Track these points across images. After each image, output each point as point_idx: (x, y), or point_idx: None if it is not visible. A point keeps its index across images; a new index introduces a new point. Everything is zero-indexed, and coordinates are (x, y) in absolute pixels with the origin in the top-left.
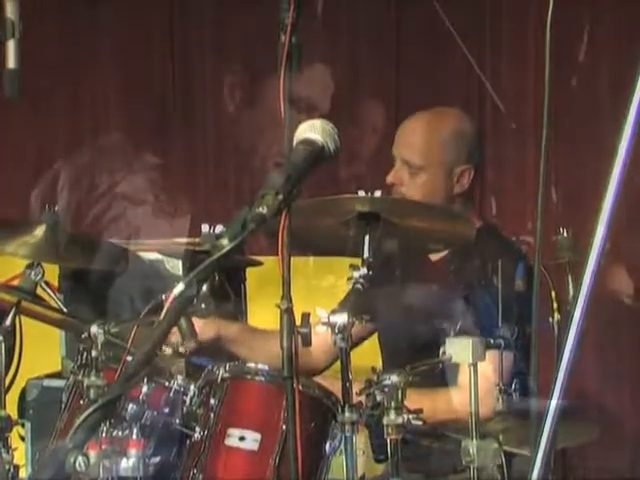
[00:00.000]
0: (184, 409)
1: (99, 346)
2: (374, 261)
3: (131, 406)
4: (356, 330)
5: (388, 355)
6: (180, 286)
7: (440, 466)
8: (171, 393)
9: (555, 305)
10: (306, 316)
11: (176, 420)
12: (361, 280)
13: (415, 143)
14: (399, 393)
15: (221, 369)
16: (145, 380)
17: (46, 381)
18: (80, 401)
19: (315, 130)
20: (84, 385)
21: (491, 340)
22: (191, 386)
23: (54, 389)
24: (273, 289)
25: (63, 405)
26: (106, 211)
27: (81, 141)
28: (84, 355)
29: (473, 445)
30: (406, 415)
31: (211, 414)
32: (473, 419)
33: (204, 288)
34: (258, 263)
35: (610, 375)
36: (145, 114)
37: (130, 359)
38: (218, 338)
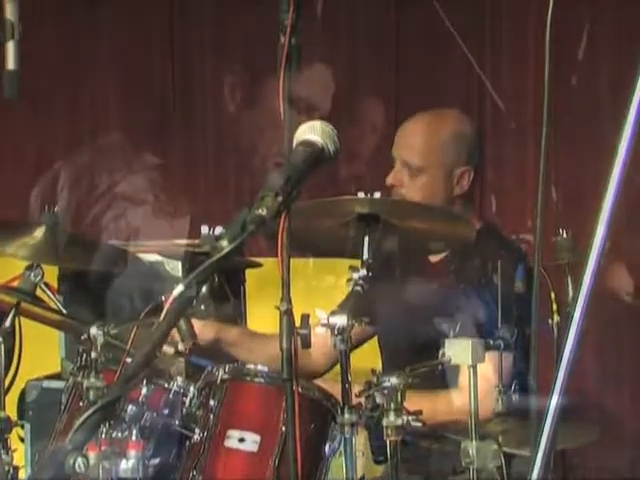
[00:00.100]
0: (184, 410)
1: (99, 347)
2: (374, 263)
3: (131, 407)
4: (356, 332)
5: (388, 357)
6: (180, 287)
7: (440, 467)
8: (171, 394)
9: (555, 306)
10: (305, 318)
11: (176, 421)
12: (361, 282)
13: (415, 144)
14: (399, 395)
15: (221, 370)
16: (145, 381)
17: (45, 382)
18: (80, 402)
19: (315, 132)
20: (84, 386)
21: (491, 341)
22: (191, 387)
23: (53, 390)
24: (272, 290)
25: (62, 406)
26: (106, 212)
27: (81, 142)
28: (84, 356)
29: (472, 446)
30: (406, 417)
31: (211, 415)
32: (473, 420)
33: (203, 289)
34: (257, 265)
35: (610, 374)
36: (145, 114)
37: (130, 360)
38: (217, 340)
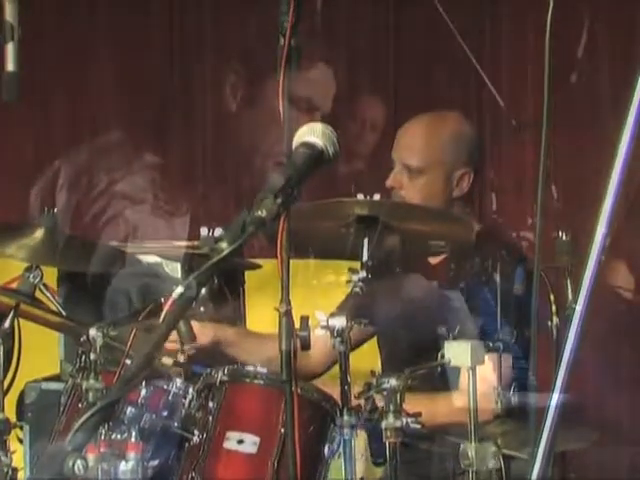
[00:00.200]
0: (183, 412)
1: (98, 349)
2: (373, 264)
3: (130, 409)
4: (355, 333)
5: (387, 358)
6: (179, 289)
7: (439, 469)
8: (170, 396)
9: (554, 308)
10: (305, 319)
11: (175, 423)
12: (360, 283)
13: (415, 146)
14: (398, 396)
15: (220, 372)
16: (144, 383)
17: (44, 384)
18: (79, 404)
19: (315, 133)
20: (83, 388)
21: (490, 343)
22: (190, 389)
23: (53, 392)
24: (272, 292)
25: (62, 408)
26: (105, 213)
27: (80, 142)
28: (83, 358)
29: (472, 448)
30: (405, 418)
31: (210, 417)
32: (472, 422)
33: (203, 291)
34: (257, 266)
35: (610, 374)
36: (145, 114)
37: (129, 362)
38: (215, 341)
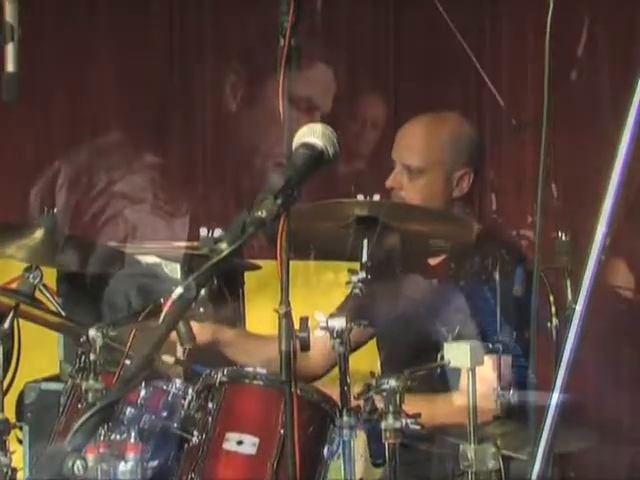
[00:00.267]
0: (182, 413)
1: (97, 349)
2: (373, 265)
3: (129, 410)
4: (354, 334)
5: (387, 359)
6: (179, 290)
7: (438, 470)
8: (169, 397)
9: (553, 309)
10: (304, 320)
11: (174, 424)
12: (359, 284)
13: (415, 147)
14: (397, 397)
15: (219, 373)
16: (143, 384)
17: (44, 384)
18: (78, 404)
19: (315, 134)
20: (82, 388)
21: (490, 344)
22: (189, 390)
23: (52, 392)
24: (272, 293)
25: (61, 408)
26: (105, 214)
27: (80, 142)
28: (82, 358)
29: (471, 449)
30: (404, 419)
31: (209, 418)
32: (471, 423)
33: (202, 292)
34: (257, 267)
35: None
36: (145, 115)
37: (128, 363)
38: (214, 342)
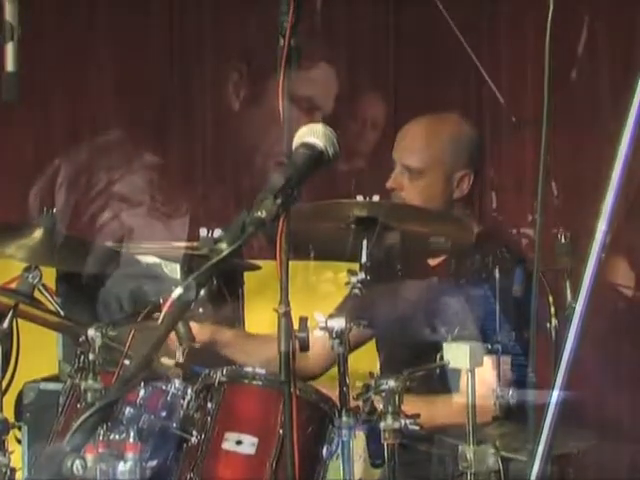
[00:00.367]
0: (181, 413)
1: (96, 349)
2: (372, 266)
3: (128, 409)
4: (354, 335)
5: (386, 360)
6: (178, 290)
7: (437, 471)
8: (168, 397)
9: (552, 310)
10: (304, 320)
11: (173, 424)
12: (359, 285)
13: (415, 148)
14: (396, 398)
15: (218, 373)
16: (142, 384)
17: (43, 384)
18: (77, 404)
19: (315, 134)
20: (81, 388)
21: (489, 345)
22: (188, 390)
23: (51, 392)
24: (271, 293)
25: (60, 408)
26: (104, 214)
27: (80, 142)
28: (81, 358)
29: (470, 450)
30: (403, 420)
31: (208, 418)
32: (470, 424)
33: (202, 292)
34: (256, 267)
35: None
36: (144, 114)
37: (128, 362)
38: (213, 342)
